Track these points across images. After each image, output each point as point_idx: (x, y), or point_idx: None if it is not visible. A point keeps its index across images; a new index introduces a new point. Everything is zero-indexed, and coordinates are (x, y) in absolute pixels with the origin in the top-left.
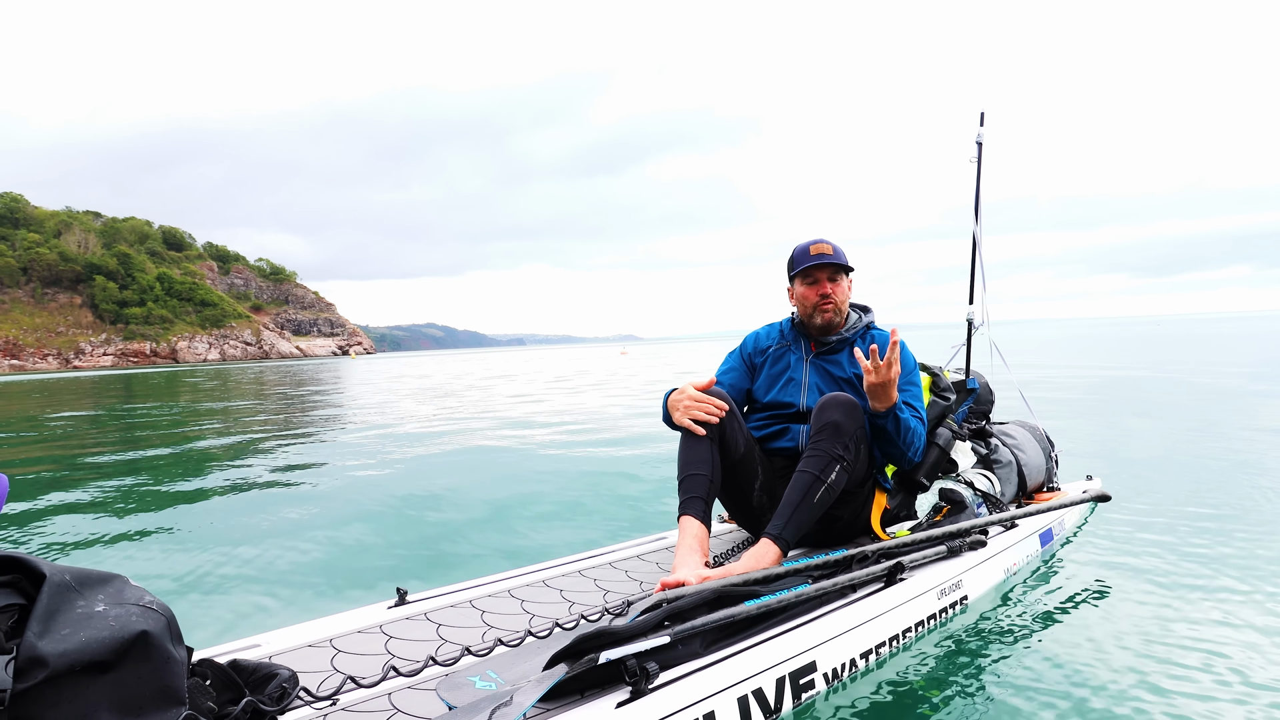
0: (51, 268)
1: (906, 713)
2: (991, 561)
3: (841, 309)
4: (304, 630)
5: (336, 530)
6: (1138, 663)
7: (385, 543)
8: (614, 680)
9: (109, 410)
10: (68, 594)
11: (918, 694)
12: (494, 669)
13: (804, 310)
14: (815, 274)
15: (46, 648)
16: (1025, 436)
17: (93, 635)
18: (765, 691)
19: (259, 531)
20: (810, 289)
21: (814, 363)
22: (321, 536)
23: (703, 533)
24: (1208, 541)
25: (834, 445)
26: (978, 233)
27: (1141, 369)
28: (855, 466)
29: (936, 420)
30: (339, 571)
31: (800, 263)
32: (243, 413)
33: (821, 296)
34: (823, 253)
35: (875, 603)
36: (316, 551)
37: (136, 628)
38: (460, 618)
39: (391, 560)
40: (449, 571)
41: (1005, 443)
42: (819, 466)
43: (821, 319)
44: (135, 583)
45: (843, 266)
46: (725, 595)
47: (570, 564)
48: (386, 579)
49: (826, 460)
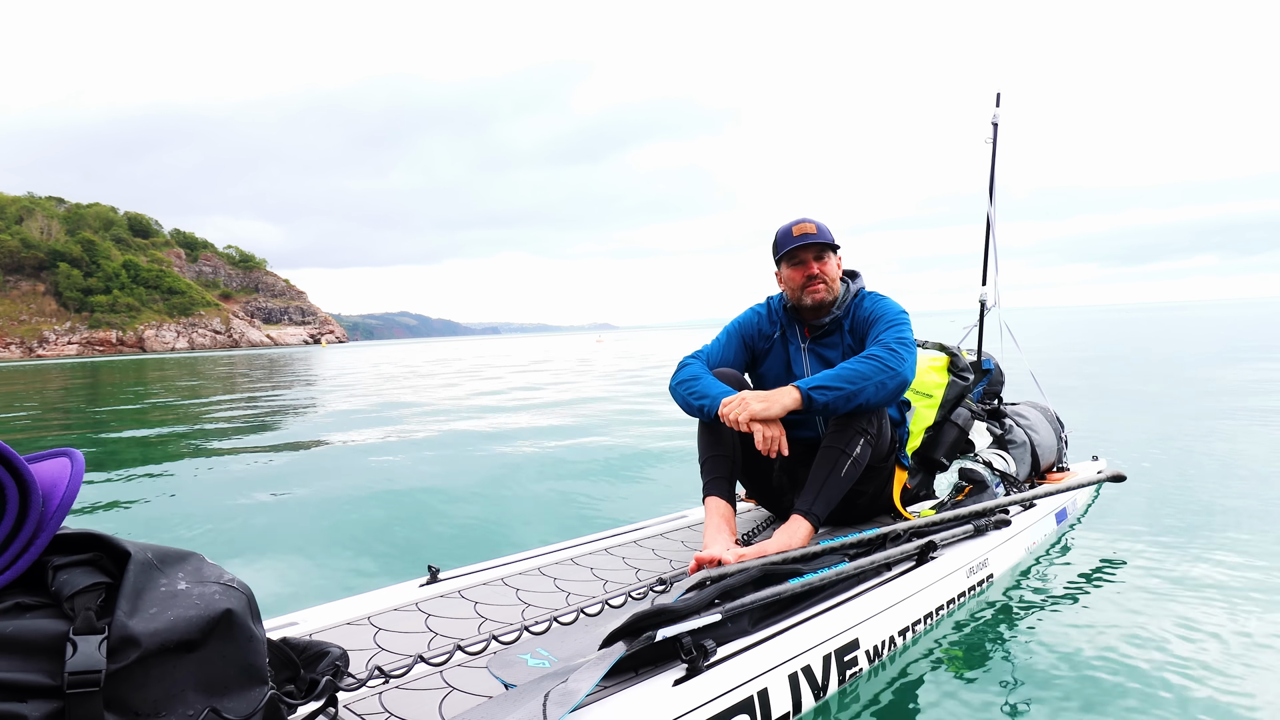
0: (13, 254)
1: (943, 689)
2: (1014, 540)
3: (833, 286)
4: (341, 608)
5: (347, 512)
6: (1158, 634)
7: (396, 523)
8: (666, 658)
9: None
10: (151, 572)
11: (952, 670)
12: (544, 647)
13: (793, 293)
14: (800, 255)
15: (138, 627)
16: (1037, 417)
17: (180, 614)
18: (814, 669)
19: (267, 511)
20: (796, 270)
21: (811, 349)
22: (333, 518)
23: (729, 512)
24: (1213, 518)
25: (858, 418)
26: (992, 214)
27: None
28: (879, 440)
29: (955, 400)
30: (356, 550)
31: (784, 245)
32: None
33: (809, 278)
34: (806, 232)
35: (910, 581)
36: (332, 531)
37: (221, 606)
38: (495, 595)
39: (404, 539)
40: (461, 549)
41: (1019, 423)
42: (844, 440)
43: (811, 300)
44: (210, 560)
45: (828, 245)
46: (770, 573)
47: (596, 542)
48: (401, 558)
49: (851, 434)
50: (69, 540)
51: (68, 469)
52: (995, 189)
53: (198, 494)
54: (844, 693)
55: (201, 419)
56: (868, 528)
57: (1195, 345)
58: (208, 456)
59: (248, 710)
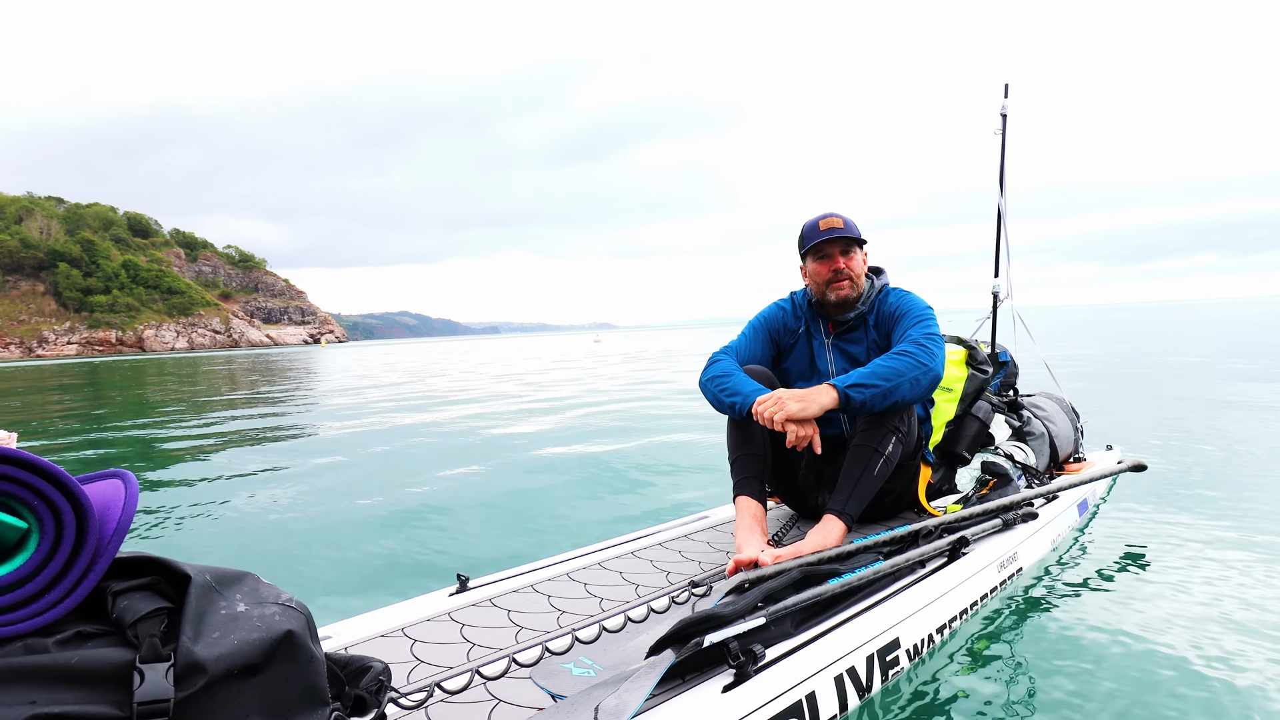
0: (13, 254)
1: (980, 683)
2: (1041, 533)
3: (858, 282)
4: (372, 620)
5: (363, 520)
6: (1189, 623)
7: (413, 531)
8: (712, 664)
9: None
10: (211, 595)
11: (989, 665)
12: (587, 655)
13: (817, 288)
14: (826, 249)
15: (203, 652)
16: (1054, 408)
17: (243, 637)
18: (858, 670)
19: (279, 521)
20: (822, 265)
21: (835, 345)
22: (344, 528)
23: (761, 512)
24: (1230, 508)
25: (889, 416)
26: (1002, 205)
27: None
28: (909, 437)
29: (975, 394)
30: (377, 559)
31: (810, 239)
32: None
33: (834, 272)
34: (833, 226)
35: (945, 577)
36: (349, 540)
37: (282, 628)
38: (527, 603)
39: (424, 547)
40: (484, 556)
41: (1036, 414)
42: (875, 439)
43: (836, 295)
44: (266, 580)
45: (855, 239)
46: (810, 574)
47: (621, 545)
48: (422, 566)
49: (883, 432)
50: (126, 564)
51: (121, 491)
52: (1005, 180)
53: (209, 505)
54: (885, 691)
55: (207, 424)
56: (896, 525)
57: (1199, 343)
58: (213, 464)
59: None
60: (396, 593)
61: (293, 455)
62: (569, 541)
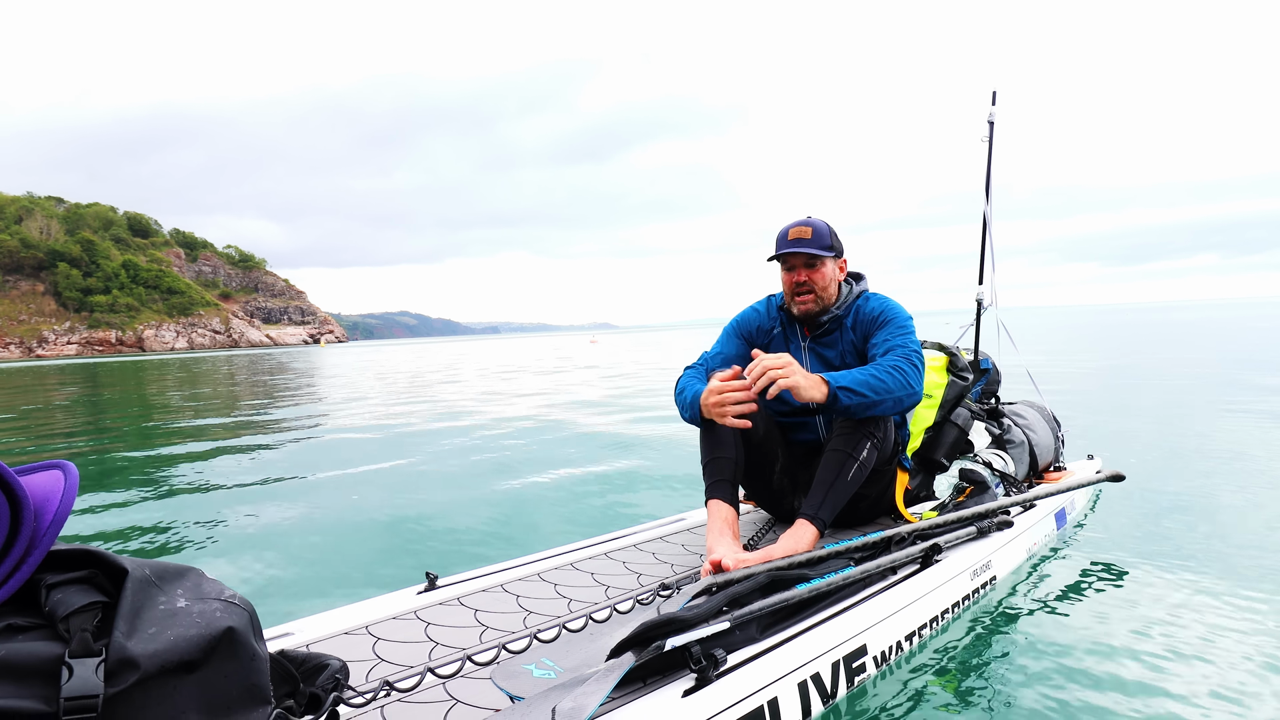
0: (12, 254)
1: (948, 693)
2: (1016, 541)
3: (823, 295)
4: (337, 617)
5: (338, 518)
6: (1161, 636)
7: (388, 528)
8: (674, 667)
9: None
10: (149, 590)
11: (958, 674)
12: (549, 656)
13: (786, 297)
14: (790, 260)
15: (136, 648)
16: (1035, 416)
17: (180, 633)
18: (823, 676)
19: (257, 517)
20: (787, 275)
21: (811, 348)
22: (321, 524)
23: (733, 515)
24: (1211, 519)
25: (864, 422)
26: (988, 213)
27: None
28: (884, 443)
29: (955, 400)
30: (348, 556)
31: (778, 247)
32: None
33: (796, 285)
34: (800, 237)
35: (916, 584)
36: (323, 537)
37: (222, 624)
38: (495, 603)
39: (397, 545)
40: (456, 555)
41: (1017, 423)
42: (850, 444)
43: (798, 309)
44: (210, 576)
45: (820, 254)
46: (778, 579)
47: (595, 546)
48: (394, 564)
49: (858, 437)
50: (62, 557)
51: (60, 482)
52: (992, 188)
53: (184, 501)
54: (850, 698)
55: (200, 423)
56: (870, 530)
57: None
58: (194, 461)
59: None
60: (361, 592)
61: (269, 455)
62: (548, 541)
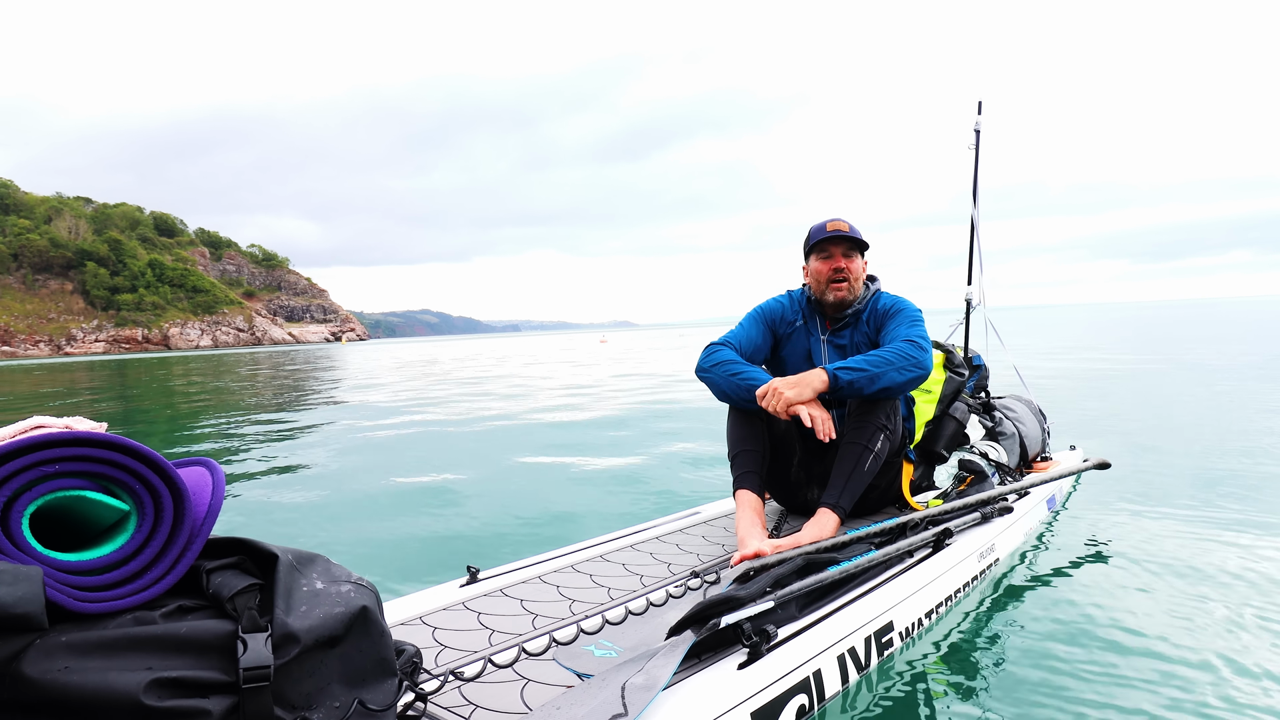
0: (42, 254)
1: (964, 661)
2: (1015, 526)
3: (855, 285)
4: (389, 610)
5: (370, 511)
6: (1150, 608)
7: (419, 523)
8: (725, 644)
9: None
10: (294, 573)
11: (970, 645)
12: (606, 639)
13: (818, 286)
14: (830, 248)
15: (296, 624)
16: (1023, 409)
17: (326, 611)
18: (858, 650)
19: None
20: (825, 263)
21: (830, 341)
22: (356, 519)
23: (760, 505)
24: (1194, 503)
25: (876, 415)
26: (975, 217)
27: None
28: (894, 435)
29: (952, 395)
30: (386, 550)
31: (816, 237)
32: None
33: (835, 271)
34: (839, 229)
35: (932, 566)
36: (357, 532)
37: (359, 603)
38: (538, 593)
39: (430, 540)
40: (487, 548)
41: (1008, 415)
42: (865, 436)
43: (834, 295)
44: (335, 561)
45: (858, 243)
46: (812, 562)
47: (617, 540)
48: (427, 559)
49: (872, 430)
50: (213, 544)
51: (207, 478)
52: (979, 193)
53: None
54: (880, 668)
55: (231, 419)
56: (881, 518)
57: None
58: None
59: (386, 701)
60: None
61: (285, 448)
62: (561, 539)
